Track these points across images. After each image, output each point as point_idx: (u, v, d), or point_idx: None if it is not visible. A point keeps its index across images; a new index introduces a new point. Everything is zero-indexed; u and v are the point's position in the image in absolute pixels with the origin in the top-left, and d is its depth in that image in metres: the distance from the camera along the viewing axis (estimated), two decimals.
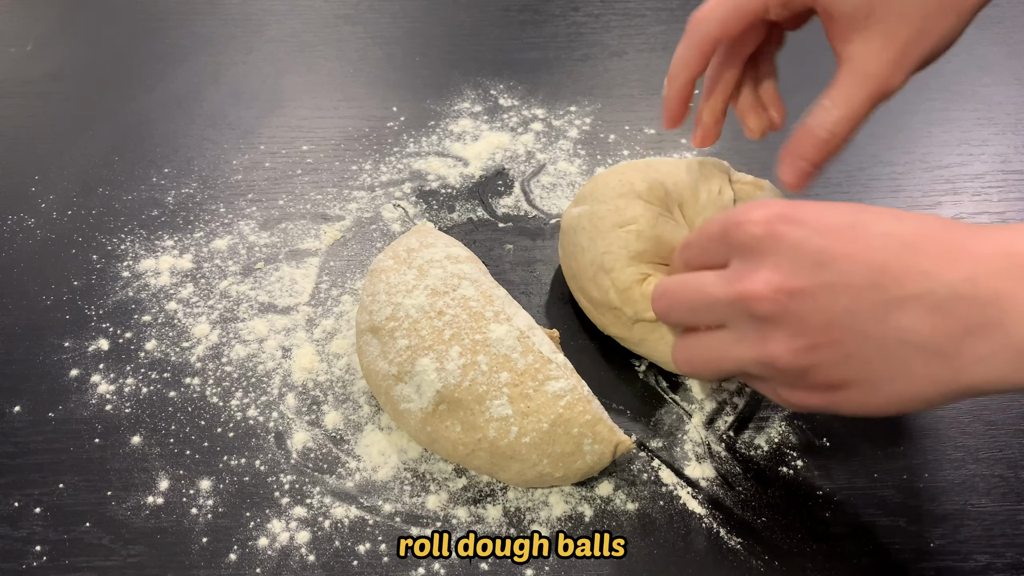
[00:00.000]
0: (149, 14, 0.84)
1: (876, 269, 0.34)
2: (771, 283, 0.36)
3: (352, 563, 0.45)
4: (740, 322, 0.38)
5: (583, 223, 0.53)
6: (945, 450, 0.49)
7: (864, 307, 0.34)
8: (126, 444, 0.50)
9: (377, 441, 0.50)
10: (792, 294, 0.36)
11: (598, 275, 0.51)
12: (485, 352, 0.46)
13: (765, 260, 0.37)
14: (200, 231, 0.62)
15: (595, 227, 0.52)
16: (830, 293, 0.35)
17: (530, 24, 0.83)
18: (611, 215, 0.52)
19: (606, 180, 0.54)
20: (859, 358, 0.35)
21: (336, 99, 0.74)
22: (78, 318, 0.56)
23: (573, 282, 0.55)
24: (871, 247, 0.35)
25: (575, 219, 0.54)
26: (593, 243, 0.52)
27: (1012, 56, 0.78)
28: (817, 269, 0.35)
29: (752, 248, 0.37)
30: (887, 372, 0.35)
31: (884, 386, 0.36)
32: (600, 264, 0.51)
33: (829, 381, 0.37)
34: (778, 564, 0.45)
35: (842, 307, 0.35)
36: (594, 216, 0.52)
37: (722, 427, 0.51)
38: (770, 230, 0.37)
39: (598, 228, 0.52)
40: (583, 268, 0.53)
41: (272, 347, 0.55)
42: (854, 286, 0.34)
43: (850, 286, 0.34)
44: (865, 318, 0.34)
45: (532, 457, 0.45)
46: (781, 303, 0.36)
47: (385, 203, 0.65)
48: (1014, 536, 0.46)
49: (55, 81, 0.76)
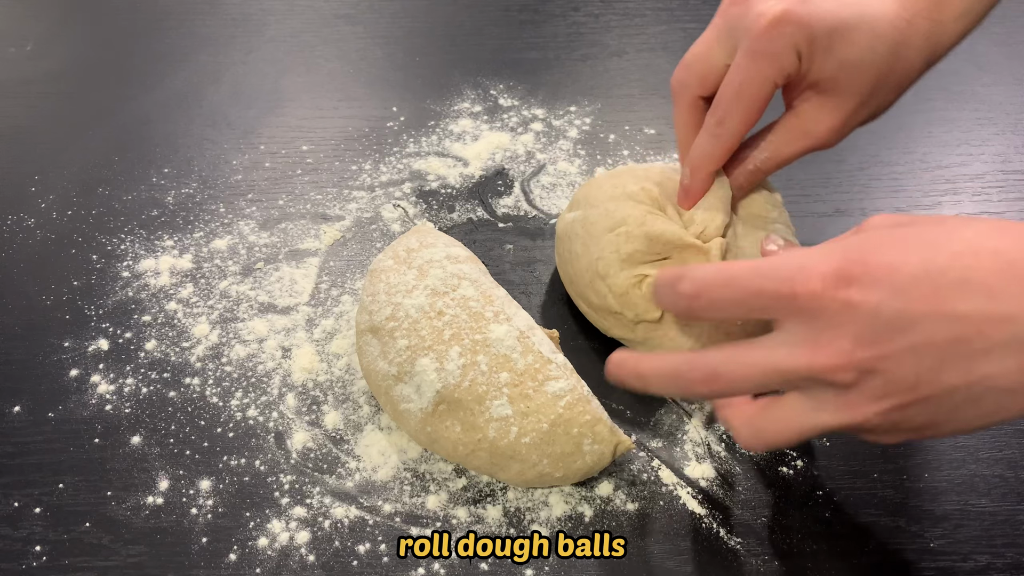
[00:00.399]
0: (149, 14, 0.84)
1: (958, 324, 0.33)
2: (853, 355, 0.34)
3: (352, 563, 0.45)
4: (814, 390, 0.37)
5: (576, 229, 0.53)
6: (945, 450, 0.49)
7: (949, 363, 0.34)
8: (126, 444, 0.50)
9: (377, 441, 0.50)
10: (874, 362, 0.34)
11: (595, 281, 0.51)
12: (485, 352, 0.46)
13: (843, 328, 0.35)
14: (200, 231, 0.62)
15: (588, 232, 0.52)
16: (913, 355, 0.34)
17: (530, 24, 0.83)
18: (602, 219, 0.51)
19: (599, 184, 0.54)
20: (948, 406, 0.35)
21: (336, 99, 0.74)
22: (78, 318, 0.56)
23: (571, 287, 0.55)
24: (950, 301, 0.33)
25: (569, 225, 0.54)
26: (587, 249, 0.51)
27: (1012, 56, 0.78)
28: (898, 334, 0.34)
29: (824, 312, 0.35)
30: (976, 412, 0.35)
31: (975, 421, 0.35)
32: (595, 270, 0.51)
33: (918, 427, 0.36)
34: (778, 564, 0.45)
35: (926, 367, 0.34)
36: (587, 221, 0.52)
37: (722, 427, 0.51)
38: (841, 300, 0.34)
39: (591, 233, 0.52)
40: (579, 274, 0.52)
41: (272, 347, 0.55)
42: (937, 344, 0.33)
43: (933, 345, 0.33)
44: (951, 373, 0.34)
45: (532, 457, 0.45)
46: (866, 371, 0.35)
47: (385, 203, 0.65)
48: (1014, 536, 0.46)
49: (55, 81, 0.76)
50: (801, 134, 0.47)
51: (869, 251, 0.35)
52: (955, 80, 0.76)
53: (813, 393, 0.37)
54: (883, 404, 0.35)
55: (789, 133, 0.48)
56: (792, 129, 0.48)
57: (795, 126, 0.48)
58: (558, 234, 0.55)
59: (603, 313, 0.52)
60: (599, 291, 0.51)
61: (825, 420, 0.37)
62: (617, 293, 0.50)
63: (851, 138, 0.48)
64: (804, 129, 0.47)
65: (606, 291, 0.50)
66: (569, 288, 0.55)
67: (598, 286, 0.51)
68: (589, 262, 0.51)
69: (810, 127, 0.47)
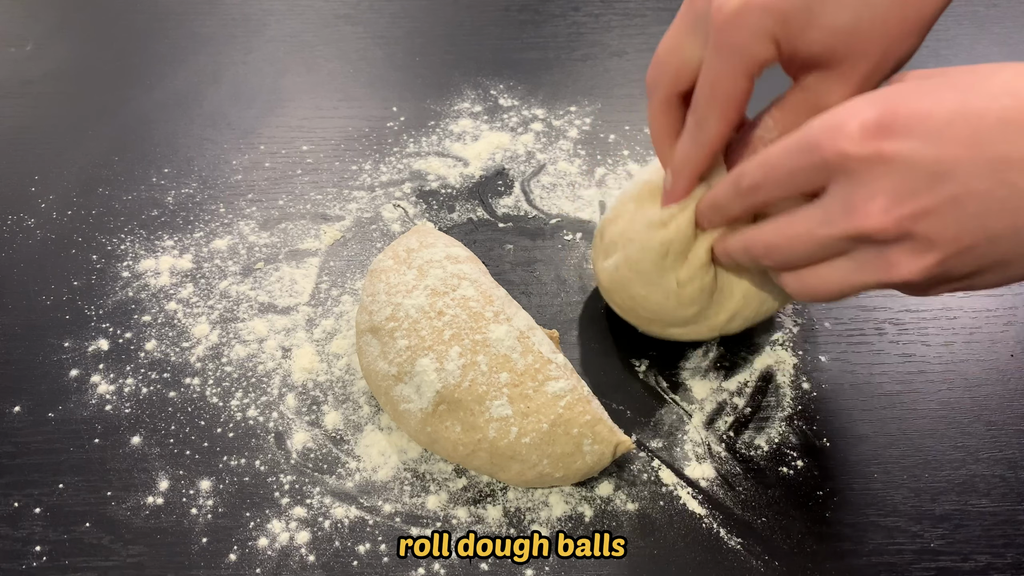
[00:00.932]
0: (149, 14, 0.84)
1: (999, 166, 0.31)
2: (891, 212, 0.33)
3: (352, 563, 0.45)
4: (859, 250, 0.36)
5: (625, 273, 0.50)
6: (945, 450, 0.49)
7: (993, 210, 0.32)
8: (126, 444, 0.50)
9: (377, 441, 0.50)
10: (916, 217, 0.33)
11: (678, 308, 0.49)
12: (485, 352, 0.46)
13: (877, 184, 0.33)
14: (200, 231, 0.62)
15: (638, 272, 0.49)
16: (955, 205, 0.32)
17: (530, 24, 0.83)
18: (648, 255, 0.48)
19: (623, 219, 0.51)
20: (993, 255, 0.34)
21: (336, 99, 0.74)
22: (78, 318, 0.56)
23: (653, 326, 0.52)
24: (990, 144, 0.31)
25: (614, 273, 0.50)
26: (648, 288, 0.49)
27: (1012, 56, 0.78)
28: (937, 183, 0.32)
29: (857, 171, 0.34)
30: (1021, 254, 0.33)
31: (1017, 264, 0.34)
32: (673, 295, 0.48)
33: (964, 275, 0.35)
34: (778, 564, 0.45)
35: (969, 215, 0.32)
36: (630, 261, 0.49)
37: (722, 427, 0.51)
38: (875, 150, 0.33)
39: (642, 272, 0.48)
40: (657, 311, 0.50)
41: (272, 347, 0.55)
42: (979, 192, 0.32)
43: (974, 193, 0.32)
44: (995, 221, 0.32)
45: (532, 457, 0.45)
46: (905, 228, 0.33)
47: (385, 203, 0.65)
48: (1014, 536, 0.46)
49: (55, 81, 0.76)
50: (812, 109, 0.41)
51: (899, 100, 0.33)
52: None
53: (855, 254, 0.36)
54: (926, 260, 0.34)
55: (798, 109, 0.43)
56: (800, 104, 0.42)
57: (803, 100, 0.42)
58: (606, 286, 0.52)
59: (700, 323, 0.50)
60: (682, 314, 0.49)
61: (867, 278, 0.36)
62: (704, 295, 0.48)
63: None
64: (813, 104, 0.42)
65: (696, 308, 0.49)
66: (651, 327, 0.52)
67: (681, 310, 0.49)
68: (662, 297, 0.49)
69: (820, 101, 0.41)
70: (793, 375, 0.53)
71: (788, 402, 0.52)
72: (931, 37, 0.43)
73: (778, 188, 0.39)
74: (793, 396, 0.52)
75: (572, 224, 0.63)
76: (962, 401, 0.52)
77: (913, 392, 0.52)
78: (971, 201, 0.32)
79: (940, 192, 0.32)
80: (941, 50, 0.79)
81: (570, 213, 0.64)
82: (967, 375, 0.53)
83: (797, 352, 0.54)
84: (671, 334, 0.52)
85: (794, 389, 0.52)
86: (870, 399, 0.52)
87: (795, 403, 0.52)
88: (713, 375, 0.53)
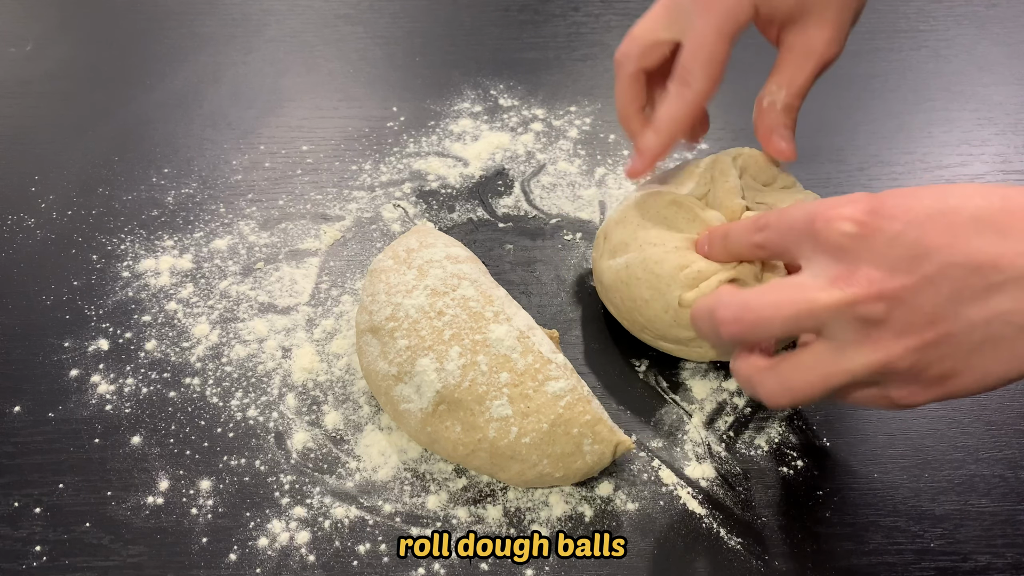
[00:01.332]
0: (149, 14, 0.84)
1: (973, 257, 0.34)
2: (875, 283, 0.35)
3: (352, 563, 0.45)
4: (840, 330, 0.37)
5: (635, 272, 0.50)
6: (945, 450, 0.49)
7: (966, 295, 0.34)
8: (126, 444, 0.50)
9: (377, 441, 0.50)
10: (897, 292, 0.35)
11: (679, 316, 0.49)
12: (485, 352, 0.46)
13: (861, 259, 0.36)
14: (200, 231, 0.62)
15: (652, 274, 0.49)
16: (932, 286, 0.35)
17: (530, 24, 0.83)
18: (664, 259, 0.49)
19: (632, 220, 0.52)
20: (968, 346, 0.35)
21: (336, 99, 0.74)
22: (78, 318, 0.56)
23: (646, 333, 0.52)
24: (964, 236, 0.34)
25: (622, 271, 0.51)
26: (652, 293, 0.49)
27: (1012, 56, 0.78)
28: (916, 263, 0.35)
29: (844, 247, 0.36)
30: (995, 354, 0.35)
31: (993, 368, 0.36)
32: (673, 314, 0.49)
33: (942, 373, 0.36)
34: (778, 564, 0.45)
35: (945, 298, 0.35)
36: (648, 261, 0.49)
37: (722, 427, 0.51)
38: (864, 227, 0.36)
39: (655, 275, 0.49)
40: (657, 316, 0.50)
41: (272, 347, 0.55)
42: (954, 277, 0.34)
43: (950, 277, 0.34)
44: (968, 306, 0.34)
45: (532, 457, 0.45)
46: (888, 303, 0.35)
47: (385, 203, 0.65)
48: (1014, 536, 0.46)
49: (55, 81, 0.76)
50: (802, 57, 0.48)
51: (887, 196, 0.37)
52: (955, 80, 0.76)
53: (836, 334, 0.37)
54: (908, 341, 0.35)
55: (792, 62, 0.49)
56: (792, 58, 0.49)
57: (793, 54, 0.49)
58: (607, 283, 0.52)
59: (690, 347, 0.51)
60: (675, 333, 0.50)
61: (853, 363, 0.37)
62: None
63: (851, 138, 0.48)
64: (803, 52, 0.48)
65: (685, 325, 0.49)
66: (642, 334, 0.52)
67: (676, 328, 0.49)
68: (667, 302, 0.49)
69: (808, 48, 0.48)
70: None
71: None
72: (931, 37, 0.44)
73: (780, 236, 0.41)
74: None
75: (572, 224, 0.63)
76: (962, 401, 0.52)
77: None
78: (947, 283, 0.34)
79: (919, 271, 0.35)
80: (941, 50, 0.79)
81: (570, 213, 0.64)
82: None
83: None
84: (661, 346, 0.52)
85: None
86: None
87: None
88: (713, 375, 0.53)
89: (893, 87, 0.75)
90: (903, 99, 0.74)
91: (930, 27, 0.81)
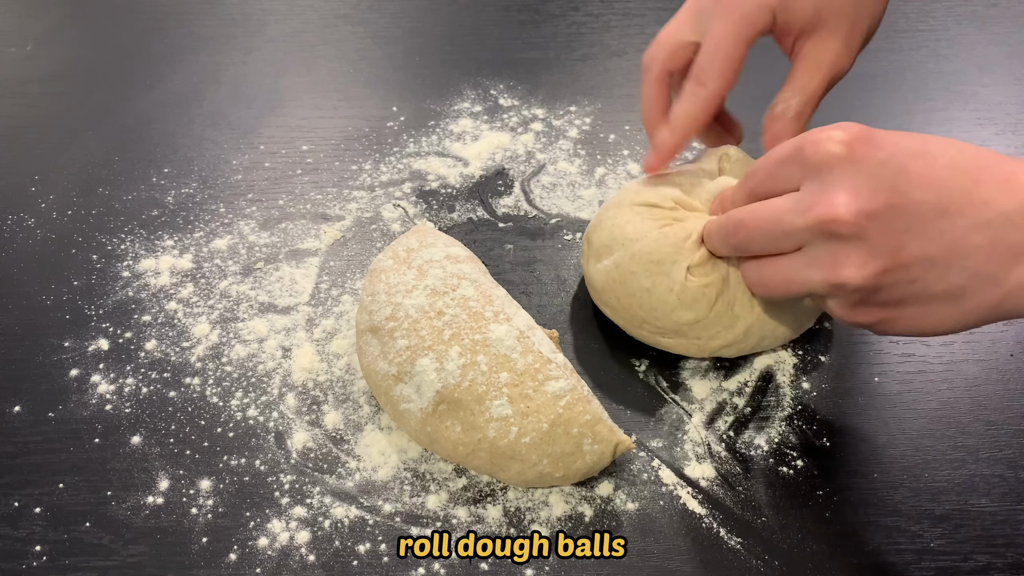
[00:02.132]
0: (149, 14, 0.84)
1: (944, 197, 0.36)
2: (851, 206, 0.38)
3: (352, 563, 0.45)
4: (815, 244, 0.40)
5: (628, 268, 0.50)
6: (945, 450, 0.49)
7: (932, 234, 0.37)
8: (126, 444, 0.50)
9: (377, 441, 0.50)
10: (870, 216, 0.37)
11: (677, 309, 0.49)
12: (485, 352, 0.46)
13: (843, 181, 0.38)
14: (200, 231, 0.62)
15: (650, 262, 0.49)
16: (901, 217, 0.37)
17: (530, 24, 0.83)
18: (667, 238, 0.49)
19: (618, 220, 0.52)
20: (921, 281, 0.38)
21: (336, 99, 0.74)
22: (78, 318, 0.56)
23: (643, 329, 0.52)
24: (940, 177, 0.37)
25: (613, 271, 0.51)
26: (654, 279, 0.49)
27: (1012, 56, 0.78)
28: (893, 192, 0.37)
29: (830, 167, 0.39)
30: (942, 295, 0.38)
31: (936, 309, 0.38)
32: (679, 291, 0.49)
33: (891, 300, 0.39)
34: (778, 564, 0.45)
35: (912, 232, 0.37)
36: (641, 254, 0.49)
37: (722, 427, 0.51)
38: (851, 150, 0.38)
39: (654, 262, 0.49)
40: (654, 308, 0.50)
41: (272, 347, 0.55)
42: (924, 214, 0.37)
43: (920, 213, 0.37)
44: (932, 244, 0.37)
45: (532, 457, 0.45)
46: (860, 225, 0.38)
47: (385, 203, 0.65)
48: (1014, 536, 0.46)
49: (55, 81, 0.76)
50: (814, 67, 0.50)
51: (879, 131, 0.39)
52: (955, 80, 0.76)
53: (810, 250, 0.41)
54: (868, 266, 0.38)
55: (805, 71, 0.50)
56: (805, 68, 0.50)
57: (806, 64, 0.50)
58: (599, 286, 0.52)
59: (695, 332, 0.50)
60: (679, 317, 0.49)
61: (813, 276, 0.41)
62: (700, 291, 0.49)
63: None
64: (815, 62, 0.50)
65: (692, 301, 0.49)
66: (641, 330, 0.52)
67: (681, 310, 0.49)
68: (664, 293, 0.49)
69: (820, 58, 0.50)
70: (793, 375, 0.53)
71: (788, 402, 0.52)
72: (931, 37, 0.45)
73: (763, 184, 0.44)
74: (793, 396, 0.52)
75: (572, 224, 0.63)
76: (962, 401, 0.52)
77: (913, 392, 0.52)
78: (916, 218, 0.37)
79: (893, 199, 0.37)
80: (941, 50, 0.79)
81: (570, 213, 0.64)
82: (967, 375, 0.53)
83: (797, 352, 0.54)
84: (660, 342, 0.52)
85: (794, 389, 0.52)
86: (870, 399, 0.52)
87: (795, 403, 0.52)
88: (713, 375, 0.53)
89: (893, 87, 0.75)
90: (903, 99, 0.74)
91: (930, 27, 0.82)
